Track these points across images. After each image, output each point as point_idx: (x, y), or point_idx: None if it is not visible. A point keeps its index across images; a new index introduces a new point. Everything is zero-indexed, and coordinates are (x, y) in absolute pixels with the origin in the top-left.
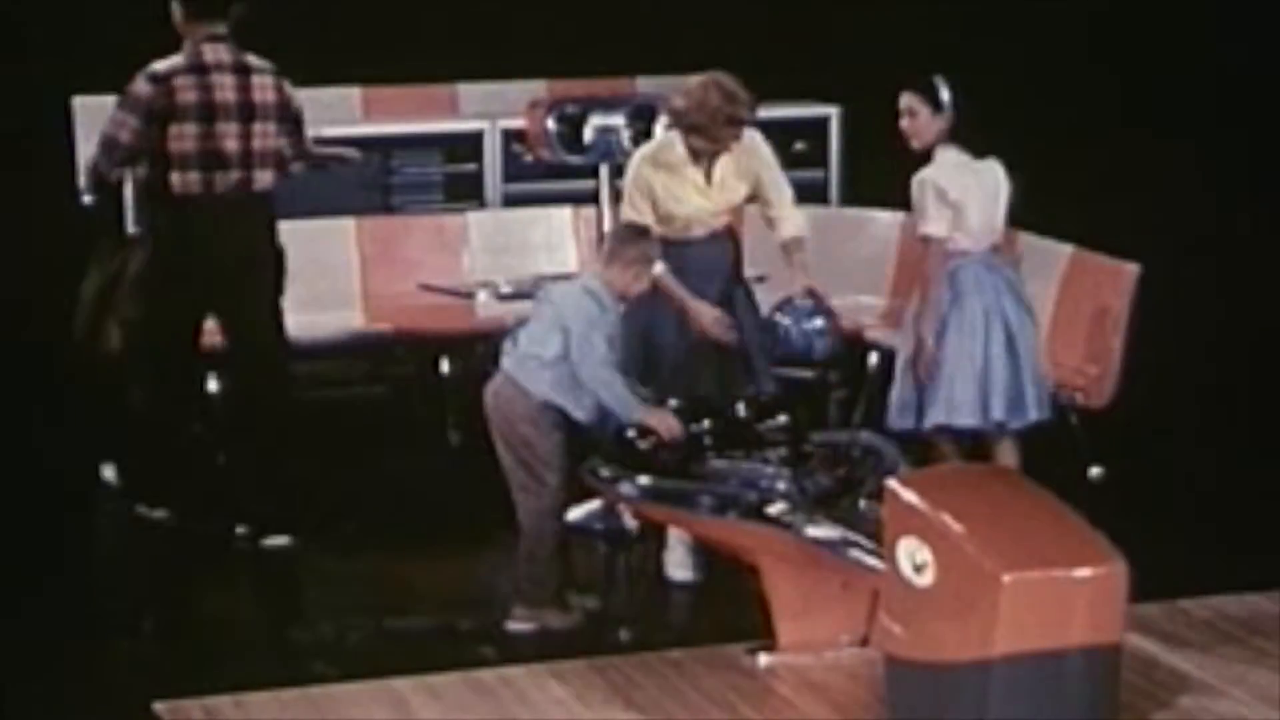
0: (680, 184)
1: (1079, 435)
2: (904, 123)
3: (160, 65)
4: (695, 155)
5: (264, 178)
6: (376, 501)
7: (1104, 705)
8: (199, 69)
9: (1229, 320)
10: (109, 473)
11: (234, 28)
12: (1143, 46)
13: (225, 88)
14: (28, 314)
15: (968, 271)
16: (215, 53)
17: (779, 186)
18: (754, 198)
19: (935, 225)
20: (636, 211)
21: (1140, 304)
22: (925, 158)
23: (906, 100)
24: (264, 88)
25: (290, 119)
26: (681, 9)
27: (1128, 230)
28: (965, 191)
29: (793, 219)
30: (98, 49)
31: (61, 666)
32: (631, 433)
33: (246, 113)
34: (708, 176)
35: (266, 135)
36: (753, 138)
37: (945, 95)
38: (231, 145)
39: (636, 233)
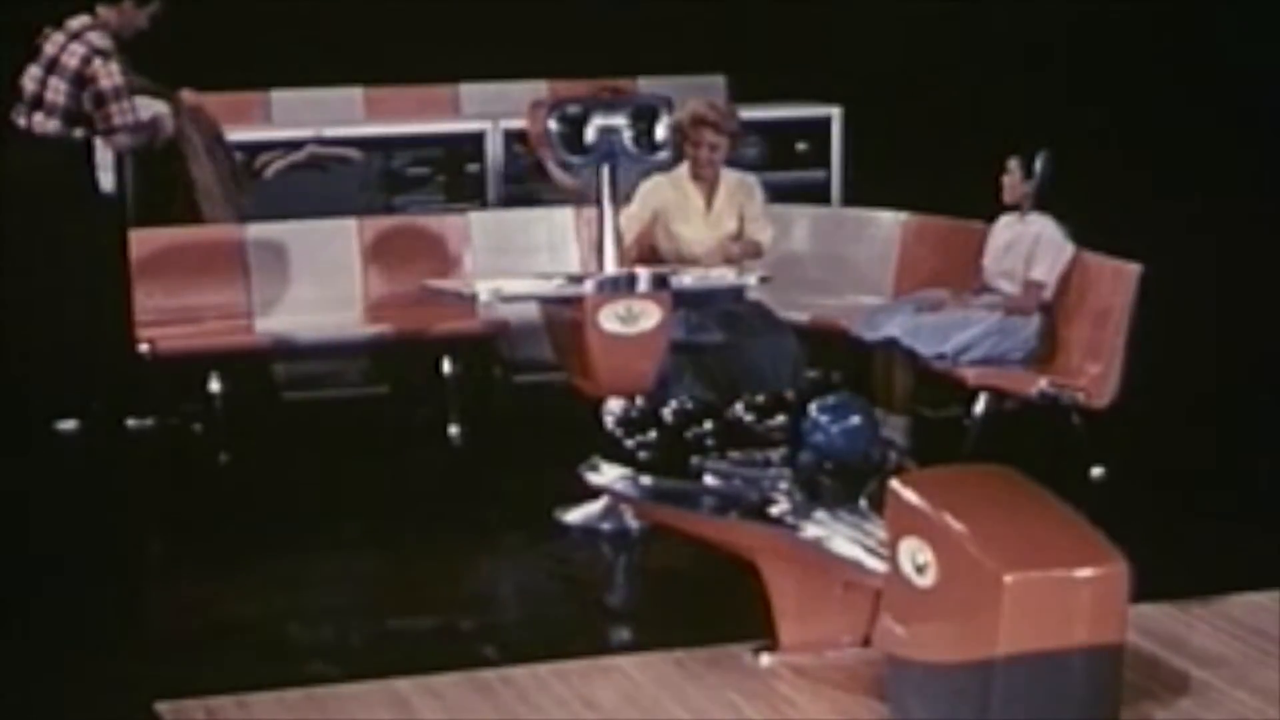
0: (685, 202)
1: (1080, 435)
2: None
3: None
4: (698, 178)
5: (48, 124)
6: (376, 501)
7: (1105, 705)
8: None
9: (1229, 320)
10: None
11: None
12: (1143, 45)
13: (54, 44)
14: None
15: None
16: (77, 22)
17: (758, 212)
18: (739, 235)
19: None
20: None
21: (1140, 304)
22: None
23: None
24: (73, 54)
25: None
26: (682, 9)
27: (1128, 230)
28: None
29: (766, 231)
30: None
31: (62, 666)
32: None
33: (50, 67)
34: (709, 203)
35: (57, 90)
36: (746, 179)
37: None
38: (30, 88)
39: None
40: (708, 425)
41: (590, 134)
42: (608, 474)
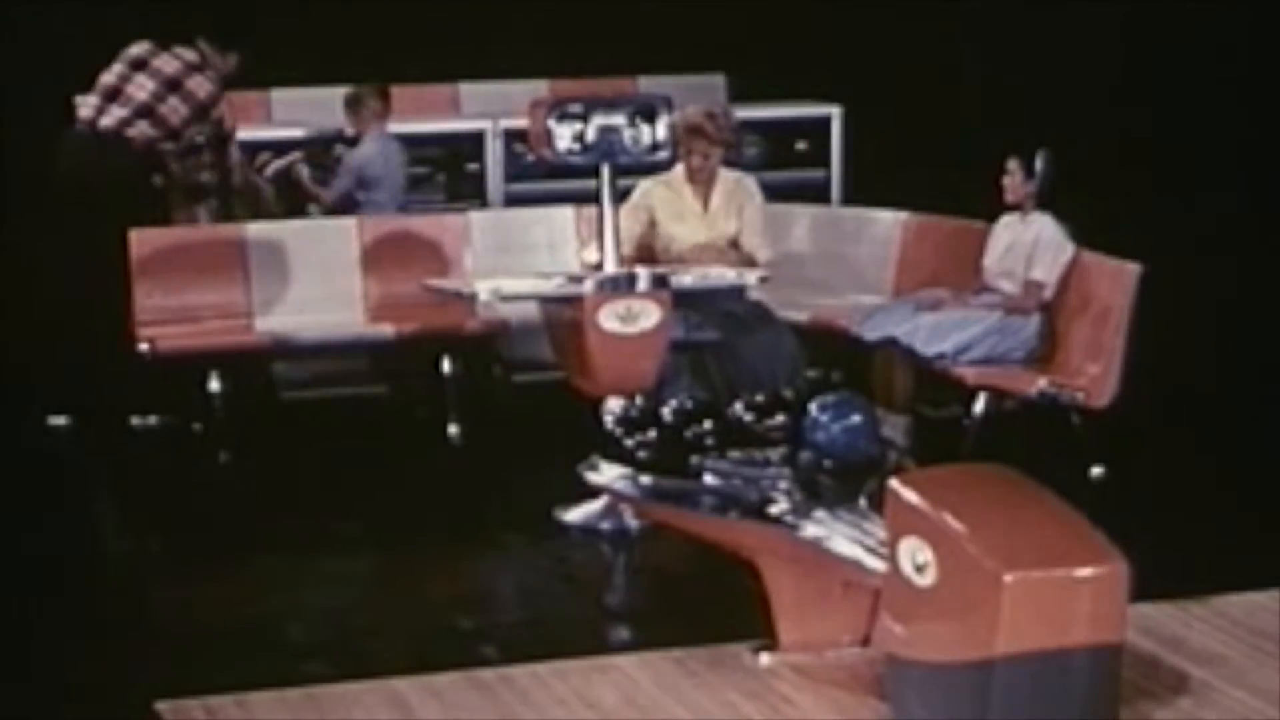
0: (680, 202)
1: (1080, 435)
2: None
3: None
4: (693, 181)
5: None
6: (376, 501)
7: (1105, 705)
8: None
9: (1229, 320)
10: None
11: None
12: (1143, 45)
13: (141, 47)
14: None
15: None
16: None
17: (757, 223)
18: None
19: None
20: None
21: (1140, 304)
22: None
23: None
24: (169, 61)
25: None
26: (683, 9)
27: (1128, 230)
28: None
29: (764, 250)
30: None
31: (62, 666)
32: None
33: (137, 65)
34: (705, 204)
35: (141, 86)
36: (744, 180)
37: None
38: (108, 80)
39: None
40: (707, 425)
41: (590, 133)
42: (607, 473)
